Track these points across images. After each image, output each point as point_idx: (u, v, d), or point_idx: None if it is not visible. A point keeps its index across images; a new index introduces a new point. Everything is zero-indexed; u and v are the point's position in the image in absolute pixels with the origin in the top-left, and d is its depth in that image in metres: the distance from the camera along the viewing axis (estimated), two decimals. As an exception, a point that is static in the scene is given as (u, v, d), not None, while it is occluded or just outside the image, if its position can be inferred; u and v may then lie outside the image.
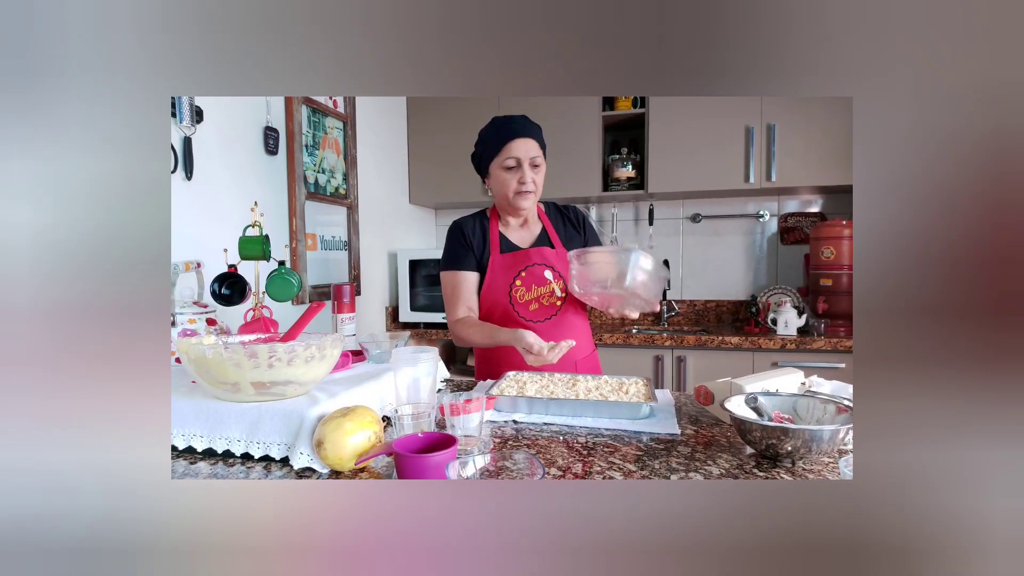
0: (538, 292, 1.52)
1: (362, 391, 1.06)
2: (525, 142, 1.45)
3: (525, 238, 1.59)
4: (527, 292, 1.52)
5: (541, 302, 1.52)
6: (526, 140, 1.45)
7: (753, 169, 2.66)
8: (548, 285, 1.53)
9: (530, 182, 1.47)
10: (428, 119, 3.07)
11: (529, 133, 1.46)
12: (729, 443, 0.99)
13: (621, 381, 1.29)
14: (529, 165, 1.46)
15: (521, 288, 1.52)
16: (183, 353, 0.93)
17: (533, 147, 1.46)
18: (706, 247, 3.11)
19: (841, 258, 2.57)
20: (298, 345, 0.94)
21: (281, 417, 0.91)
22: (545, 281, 1.53)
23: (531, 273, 1.53)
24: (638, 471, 0.86)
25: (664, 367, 2.60)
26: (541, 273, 1.52)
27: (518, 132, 1.45)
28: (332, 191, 2.42)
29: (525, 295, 1.52)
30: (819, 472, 0.85)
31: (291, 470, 0.88)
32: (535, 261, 1.53)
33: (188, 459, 0.93)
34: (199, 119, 1.68)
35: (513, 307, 1.52)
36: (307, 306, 1.21)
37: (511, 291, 1.52)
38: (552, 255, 1.55)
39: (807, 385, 1.13)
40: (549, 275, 1.53)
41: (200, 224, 1.72)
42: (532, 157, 1.46)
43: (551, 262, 1.54)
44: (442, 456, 0.78)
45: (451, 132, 3.03)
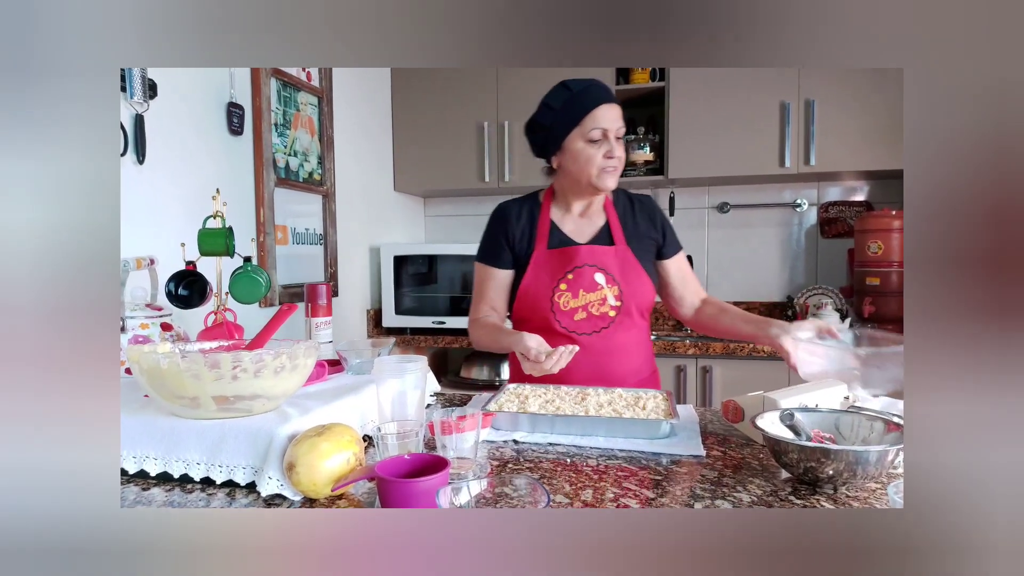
0: (587, 299, 1.46)
1: (340, 407, 1.06)
2: (611, 109, 1.41)
3: (583, 231, 1.53)
4: (573, 298, 1.47)
5: (590, 311, 1.47)
6: (612, 107, 1.41)
7: (789, 151, 2.66)
8: (599, 291, 1.47)
9: (618, 157, 1.42)
10: (416, 94, 3.07)
11: (614, 99, 1.43)
12: (762, 466, 0.98)
13: (637, 395, 1.29)
14: (615, 137, 1.42)
15: (566, 293, 1.47)
16: (134, 363, 0.93)
17: (619, 116, 1.42)
18: (735, 241, 3.11)
19: (890, 253, 2.57)
20: (266, 354, 0.93)
21: (247, 436, 0.91)
22: (595, 286, 1.47)
23: (579, 275, 1.47)
24: (657, 498, 0.86)
25: (687, 379, 2.60)
26: (591, 276, 1.47)
27: (603, 97, 1.41)
28: (305, 177, 2.42)
29: (571, 301, 1.47)
30: (865, 499, 0.85)
31: (258, 497, 0.88)
32: (585, 261, 1.47)
33: (140, 485, 0.93)
34: (152, 94, 1.68)
35: (554, 315, 1.47)
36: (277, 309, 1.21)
37: (553, 295, 1.47)
38: (608, 255, 1.49)
39: (851, 400, 1.13)
40: (601, 279, 1.47)
41: (154, 215, 1.72)
42: (618, 128, 1.42)
43: (604, 263, 1.48)
44: (432, 481, 0.77)
45: (443, 109, 3.03)
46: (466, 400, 1.45)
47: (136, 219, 1.66)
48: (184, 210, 1.82)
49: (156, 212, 1.73)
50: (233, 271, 1.37)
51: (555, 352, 1.21)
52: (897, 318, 2.57)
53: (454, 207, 3.45)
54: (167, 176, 1.77)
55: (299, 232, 2.40)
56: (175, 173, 1.80)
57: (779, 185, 3.04)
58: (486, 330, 1.47)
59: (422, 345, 2.89)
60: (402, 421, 0.98)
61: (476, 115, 2.99)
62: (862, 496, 0.86)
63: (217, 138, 1.97)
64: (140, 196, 1.68)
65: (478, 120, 2.98)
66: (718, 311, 1.54)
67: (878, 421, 0.95)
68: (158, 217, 1.74)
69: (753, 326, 1.41)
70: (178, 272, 1.37)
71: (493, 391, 1.41)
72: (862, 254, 2.65)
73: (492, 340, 1.44)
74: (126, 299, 1.38)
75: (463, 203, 3.43)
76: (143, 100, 1.63)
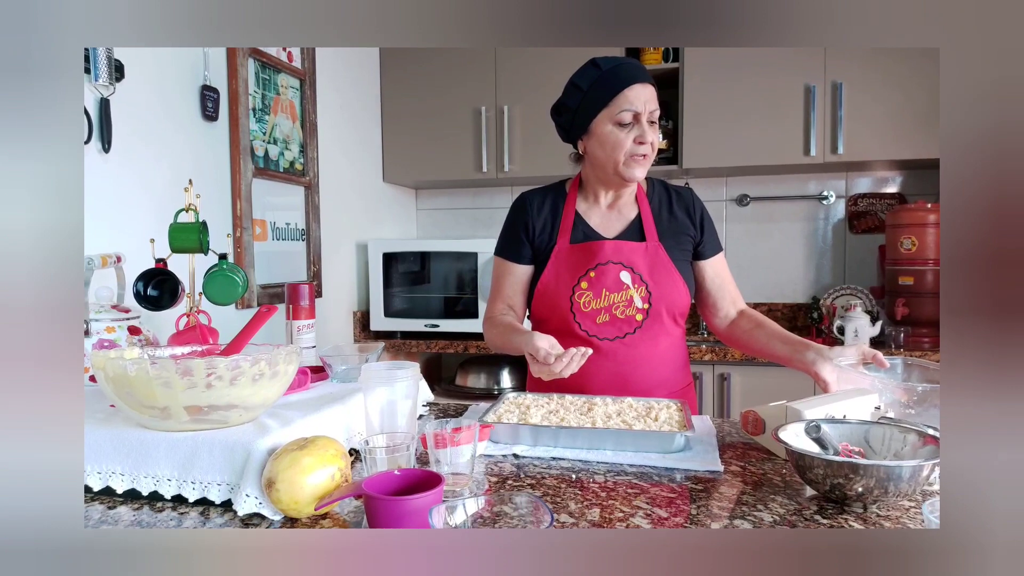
0: (610, 300, 1.45)
1: (324, 418, 1.06)
2: (645, 89, 1.39)
3: (611, 225, 1.51)
4: (595, 298, 1.45)
5: (614, 313, 1.45)
6: (645, 87, 1.39)
7: (815, 139, 2.66)
8: (624, 291, 1.45)
9: (649, 143, 1.40)
10: (407, 76, 3.07)
11: (648, 79, 1.41)
12: (785, 483, 0.98)
13: (649, 405, 1.29)
14: (648, 121, 1.40)
15: (587, 293, 1.45)
16: (99, 370, 0.93)
17: (653, 98, 1.40)
18: (755, 237, 3.11)
19: (925, 250, 2.57)
20: (243, 360, 0.93)
21: (222, 450, 0.91)
22: (620, 285, 1.45)
23: (602, 273, 1.45)
24: (670, 518, 0.86)
25: (703, 387, 2.60)
26: (616, 274, 1.45)
27: (636, 76, 1.39)
28: (286, 166, 2.42)
29: (592, 302, 1.45)
30: (897, 519, 0.85)
31: (235, 517, 0.88)
32: (609, 258, 1.45)
33: (106, 503, 0.93)
34: (119, 76, 1.68)
35: (574, 316, 1.46)
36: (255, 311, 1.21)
37: (573, 295, 1.46)
38: (637, 252, 1.46)
39: (882, 410, 1.13)
40: (627, 278, 1.45)
41: (120, 208, 1.72)
42: (652, 111, 1.40)
43: (632, 261, 1.46)
44: (424, 499, 0.77)
45: (436, 92, 3.03)
46: (462, 411, 1.45)
47: (101, 213, 1.66)
48: (153, 203, 1.82)
49: (123, 205, 1.73)
50: (207, 270, 1.37)
51: (566, 354, 1.19)
52: (933, 321, 2.58)
53: (449, 200, 3.45)
54: (135, 166, 1.77)
55: (279, 227, 2.40)
56: (144, 162, 1.80)
57: (803, 176, 3.04)
58: (499, 329, 1.46)
59: (414, 350, 2.89)
60: (392, 433, 0.98)
61: (473, 99, 2.99)
62: (894, 515, 0.86)
63: (190, 124, 1.97)
64: (105, 187, 1.68)
65: (475, 105, 2.98)
66: (754, 326, 1.50)
67: (912, 433, 0.95)
68: (125, 211, 1.74)
69: (789, 348, 1.39)
70: (147, 271, 1.36)
71: (491, 401, 1.41)
72: (894, 251, 2.65)
73: (504, 340, 1.43)
74: (90, 300, 1.38)
75: (458, 195, 3.43)
76: (108, 83, 1.63)
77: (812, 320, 2.83)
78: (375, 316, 2.91)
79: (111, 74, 1.63)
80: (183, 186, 1.43)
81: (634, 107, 1.38)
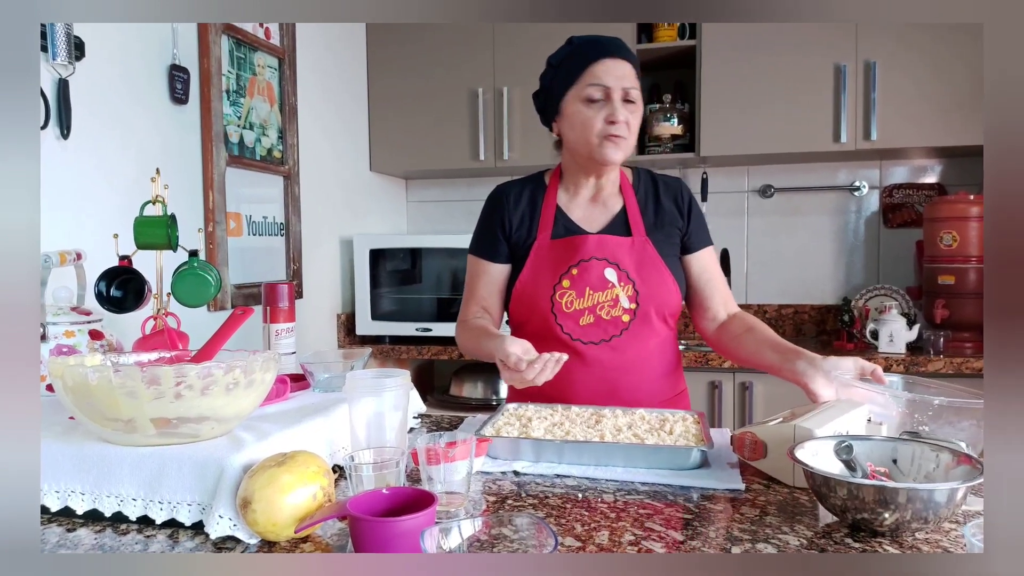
0: (595, 299, 1.45)
1: (305, 431, 1.06)
2: (618, 65, 1.40)
3: (593, 218, 1.52)
4: (578, 297, 1.45)
5: (598, 314, 1.46)
6: (618, 62, 1.41)
7: (846, 124, 2.66)
8: (609, 290, 1.45)
9: (623, 123, 1.40)
10: (396, 55, 3.07)
11: (623, 54, 1.42)
12: (812, 502, 0.98)
13: (663, 417, 1.29)
14: (621, 98, 1.41)
15: (569, 292, 1.46)
16: (57, 378, 0.93)
17: (628, 73, 1.41)
18: (780, 232, 3.11)
19: (967, 246, 2.57)
20: (216, 368, 0.93)
21: (193, 467, 0.91)
22: (605, 283, 1.45)
23: (585, 271, 1.46)
24: (686, 541, 0.86)
25: (722, 397, 2.60)
26: (600, 272, 1.45)
27: (608, 50, 1.41)
28: (263, 154, 2.42)
29: (575, 302, 1.46)
30: (937, 543, 0.85)
31: (207, 540, 0.88)
32: (593, 254, 1.46)
33: (64, 524, 0.93)
34: (79, 55, 1.68)
35: (555, 318, 1.46)
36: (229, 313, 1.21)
37: (555, 294, 1.47)
38: (623, 247, 1.47)
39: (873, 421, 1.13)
40: (612, 275, 1.45)
41: (81, 200, 1.72)
42: (627, 88, 1.40)
43: (617, 257, 1.46)
44: (416, 520, 0.77)
45: (429, 73, 3.03)
46: (456, 423, 1.45)
47: (59, 205, 1.66)
48: (117, 194, 1.82)
49: (83, 197, 1.73)
50: (176, 268, 1.37)
51: (539, 360, 1.19)
52: (975, 324, 2.57)
53: (442, 191, 3.45)
54: (97, 154, 1.77)
55: (256, 221, 2.40)
56: (106, 150, 1.80)
57: (833, 164, 3.04)
58: (471, 334, 1.47)
59: (404, 357, 2.89)
60: (379, 449, 0.98)
61: (469, 80, 2.99)
62: (933, 538, 0.86)
63: (157, 108, 1.97)
64: (64, 177, 1.68)
65: (471, 86, 2.98)
66: (743, 330, 1.48)
67: (944, 452, 0.94)
68: (86, 203, 1.73)
69: (779, 356, 1.36)
70: (110, 269, 1.36)
71: (489, 412, 1.41)
72: (933, 247, 2.65)
73: (475, 345, 1.44)
74: (47, 301, 1.38)
75: (453, 186, 3.43)
76: (67, 62, 1.63)
77: (842, 324, 2.83)
78: (361, 319, 2.92)
79: (70, 52, 1.63)
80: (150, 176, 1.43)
81: (602, 82, 1.39)
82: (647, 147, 2.94)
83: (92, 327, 1.37)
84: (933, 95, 2.60)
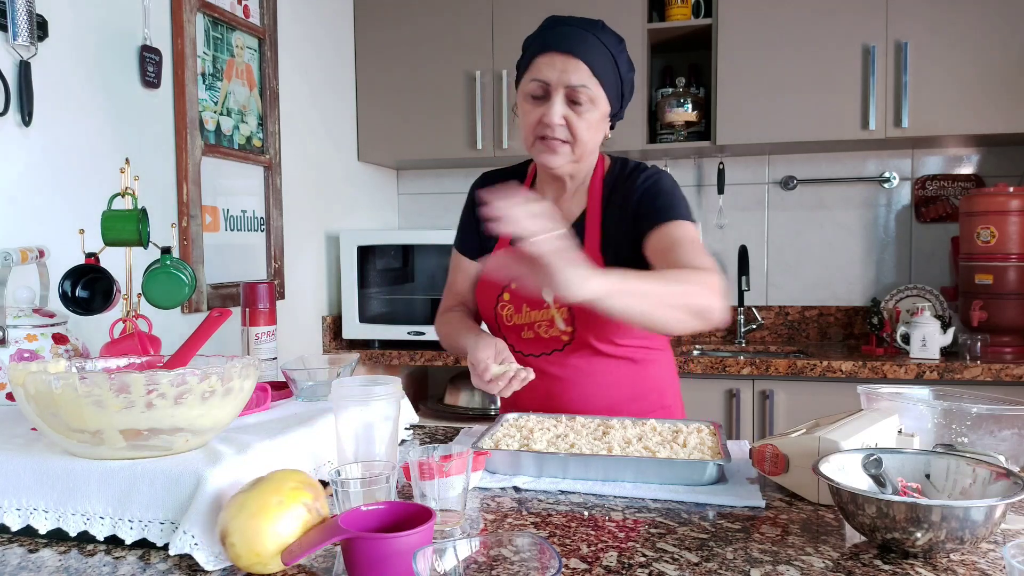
0: (531, 317, 1.46)
1: (287, 443, 1.06)
2: (566, 60, 1.34)
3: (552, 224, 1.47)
4: (516, 313, 1.47)
5: (537, 331, 1.47)
6: (568, 58, 1.34)
7: (875, 110, 2.66)
8: (544, 310, 1.43)
9: (559, 125, 1.36)
10: (387, 35, 3.07)
11: (571, 47, 1.35)
12: (839, 520, 0.98)
13: (677, 428, 1.29)
14: (565, 98, 1.35)
15: (509, 306, 1.48)
16: (19, 386, 0.93)
17: (574, 69, 1.34)
18: (803, 227, 3.12)
19: (1006, 243, 2.57)
20: (191, 374, 0.93)
21: (165, 482, 0.91)
22: (541, 303, 1.41)
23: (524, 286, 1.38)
24: (701, 563, 0.86)
25: (741, 405, 2.60)
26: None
27: (554, 43, 1.36)
28: (242, 142, 2.42)
29: (514, 316, 1.48)
30: (973, 564, 0.85)
31: (180, 561, 0.88)
32: None
33: (26, 545, 0.93)
34: (42, 35, 1.68)
35: (499, 329, 1.50)
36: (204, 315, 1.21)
37: (497, 306, 1.50)
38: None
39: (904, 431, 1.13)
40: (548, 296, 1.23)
41: (44, 192, 1.72)
42: (572, 85, 1.34)
43: None
44: (410, 538, 0.77)
45: (422, 55, 3.03)
46: (452, 435, 1.45)
47: (20, 198, 1.66)
48: (83, 186, 1.82)
49: (47, 188, 1.73)
50: (147, 266, 1.37)
51: (503, 376, 1.24)
52: (1016, 327, 2.58)
53: (436, 183, 3.46)
54: (61, 142, 1.77)
55: (234, 215, 2.40)
56: (71, 138, 1.80)
57: (861, 154, 3.04)
58: (450, 328, 1.52)
59: (395, 363, 2.89)
60: (368, 462, 0.98)
61: (465, 63, 2.99)
62: (969, 559, 0.86)
63: (127, 92, 1.97)
64: (26, 167, 1.68)
65: (468, 69, 2.99)
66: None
67: (982, 466, 0.94)
68: (49, 195, 1.73)
69: None
70: (76, 267, 1.36)
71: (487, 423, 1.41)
72: (970, 244, 2.65)
73: (453, 341, 1.50)
74: (7, 303, 1.38)
75: (448, 177, 3.43)
76: (29, 42, 1.63)
77: (872, 326, 2.82)
78: (348, 322, 2.92)
79: (32, 32, 1.63)
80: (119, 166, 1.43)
81: (541, 76, 1.37)
82: (659, 135, 2.95)
83: (56, 330, 1.37)
84: (969, 78, 2.60)
